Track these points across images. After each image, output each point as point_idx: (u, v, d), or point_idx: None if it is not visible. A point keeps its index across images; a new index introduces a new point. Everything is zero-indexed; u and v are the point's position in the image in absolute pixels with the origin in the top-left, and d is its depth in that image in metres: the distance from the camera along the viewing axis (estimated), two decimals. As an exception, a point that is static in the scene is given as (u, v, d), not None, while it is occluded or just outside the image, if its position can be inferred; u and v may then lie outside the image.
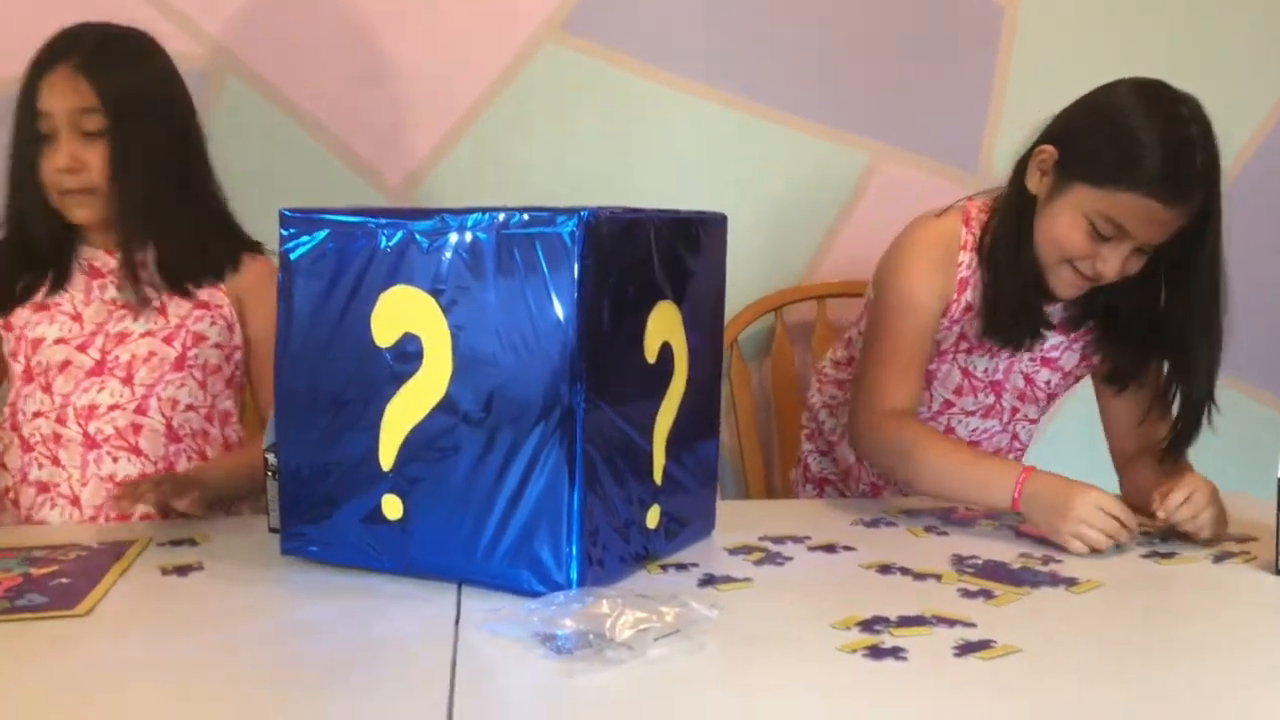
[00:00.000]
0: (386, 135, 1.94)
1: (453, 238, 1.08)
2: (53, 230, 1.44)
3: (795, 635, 0.99)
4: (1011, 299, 1.41)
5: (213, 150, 1.66)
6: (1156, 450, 1.43)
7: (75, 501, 1.43)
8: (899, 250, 1.48)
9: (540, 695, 0.88)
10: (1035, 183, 1.38)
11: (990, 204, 1.46)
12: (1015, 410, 1.54)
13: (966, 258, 1.44)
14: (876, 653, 0.94)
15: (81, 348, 1.44)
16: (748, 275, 1.99)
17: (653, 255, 1.13)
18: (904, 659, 0.93)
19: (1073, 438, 1.78)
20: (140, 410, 1.44)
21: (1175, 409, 1.43)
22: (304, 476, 1.16)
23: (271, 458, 1.25)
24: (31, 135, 1.40)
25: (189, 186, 1.47)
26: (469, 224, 1.08)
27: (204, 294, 1.47)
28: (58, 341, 1.44)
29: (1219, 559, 1.23)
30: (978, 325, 1.46)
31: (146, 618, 1.05)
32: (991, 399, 1.53)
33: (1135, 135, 1.29)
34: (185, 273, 1.46)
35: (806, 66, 1.99)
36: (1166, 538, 1.28)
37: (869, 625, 1.00)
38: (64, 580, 1.12)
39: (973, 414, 1.53)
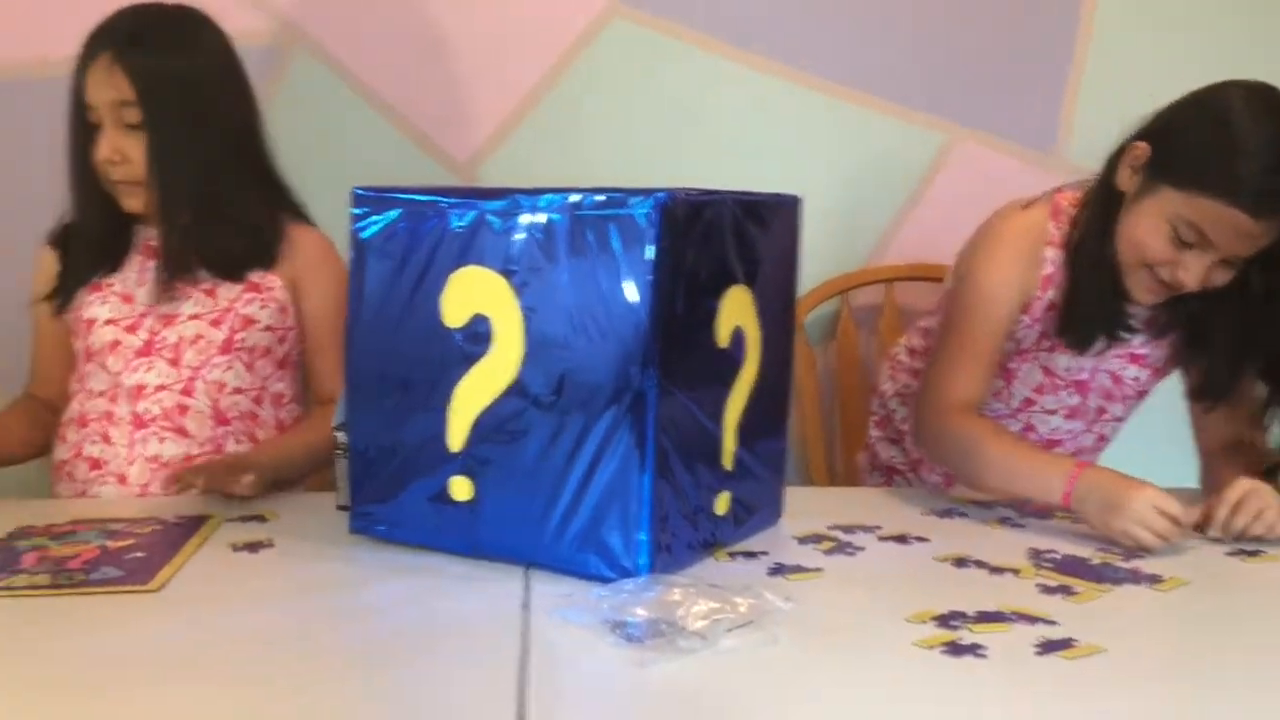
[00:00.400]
0: (451, 112, 1.93)
1: (525, 218, 1.07)
2: (108, 215, 1.45)
3: (870, 629, 0.97)
4: (1089, 298, 1.36)
5: (278, 126, 1.66)
6: (1245, 458, 1.38)
7: (123, 480, 1.44)
8: (983, 241, 1.43)
9: (612, 683, 0.87)
10: (1125, 179, 1.33)
11: (1081, 197, 1.41)
12: (1102, 410, 1.49)
13: (1052, 254, 1.39)
14: (955, 649, 0.92)
15: (130, 328, 1.45)
16: (813, 257, 1.94)
17: (727, 238, 1.11)
18: (984, 656, 0.91)
19: (1154, 423, 1.72)
20: (186, 392, 1.44)
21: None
22: (372, 456, 1.15)
23: (341, 436, 1.25)
24: (81, 124, 1.41)
25: (239, 169, 1.46)
26: (542, 205, 1.06)
27: (255, 276, 1.47)
28: (108, 322, 1.45)
29: (1308, 558, 1.18)
30: (1069, 363, 1.42)
31: (217, 594, 1.05)
32: (1076, 399, 1.48)
33: (1233, 140, 1.22)
34: (234, 258, 1.46)
35: (879, 44, 1.95)
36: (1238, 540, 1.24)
37: (946, 620, 0.98)
38: (139, 555, 1.13)
39: (1054, 413, 1.49)
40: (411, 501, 1.14)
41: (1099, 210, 1.35)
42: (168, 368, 1.44)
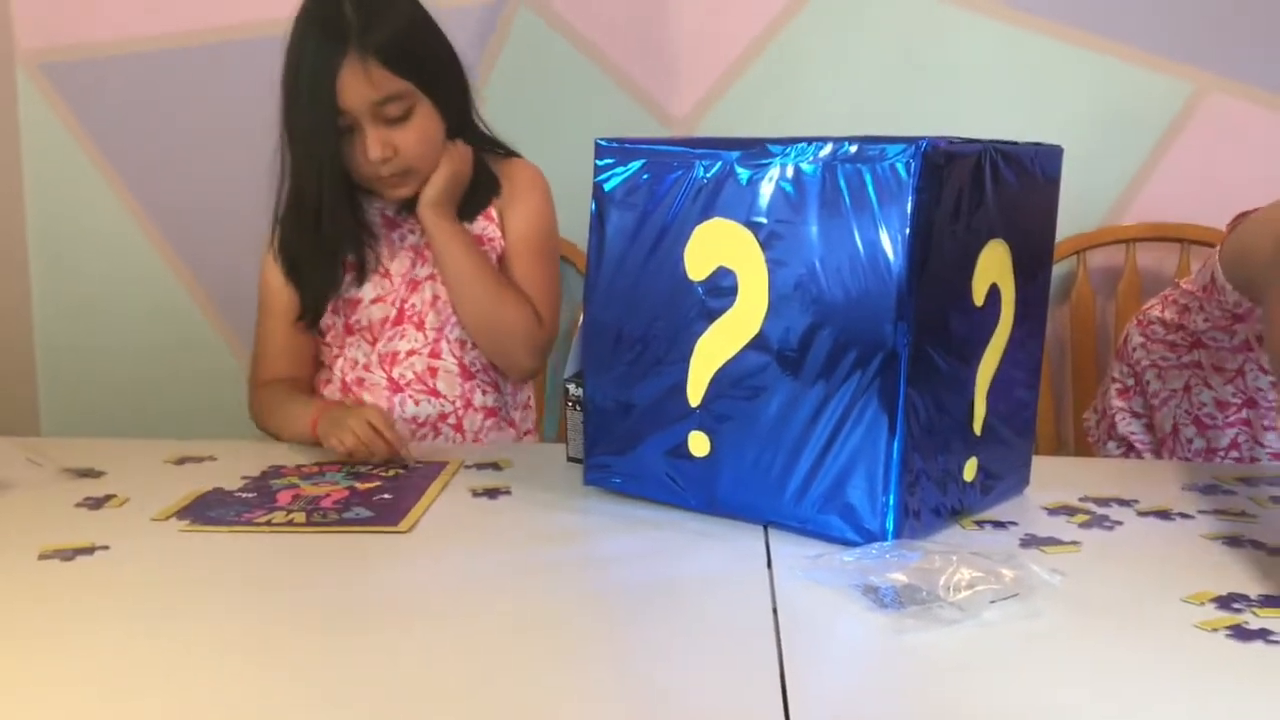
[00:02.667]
0: (670, 67, 1.91)
1: (774, 169, 1.04)
2: (354, 220, 1.43)
3: (1143, 608, 0.91)
4: None
5: (500, 84, 1.68)
6: None
7: None
8: None
9: (869, 650, 0.84)
10: None
11: None
12: None
13: None
14: (1241, 633, 0.85)
15: (390, 300, 1.48)
16: (1047, 215, 1.86)
17: (986, 189, 1.05)
18: (1275, 642, 0.84)
19: None
20: (434, 354, 1.48)
21: None
22: (609, 409, 1.15)
23: (573, 388, 1.26)
24: (325, 127, 1.34)
25: (465, 125, 1.47)
26: (792, 154, 1.03)
27: (478, 227, 1.49)
28: (375, 301, 1.47)
29: None
30: None
31: (461, 537, 1.07)
32: None
33: None
34: (462, 208, 1.47)
35: (1126, -14, 1.82)
36: None
37: (1226, 603, 0.90)
38: (386, 496, 1.17)
39: None
40: (648, 455, 1.13)
41: None
42: (415, 332, 1.48)
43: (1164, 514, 1.13)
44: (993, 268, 1.07)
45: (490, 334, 1.47)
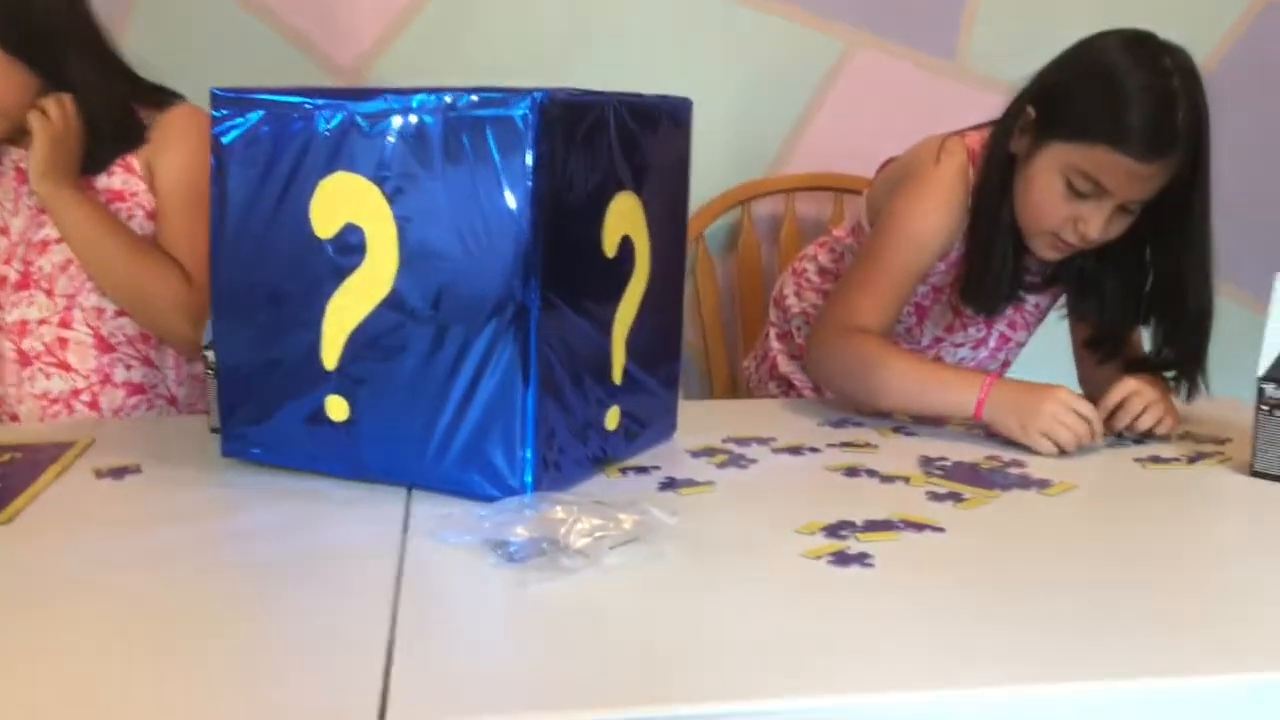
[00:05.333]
0: (334, 13, 1.83)
1: (396, 120, 1.00)
2: None
3: (758, 541, 0.95)
4: (992, 269, 1.35)
5: (139, 28, 1.54)
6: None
7: (15, 419, 1.38)
8: (914, 183, 1.38)
9: (490, 604, 0.84)
10: (1016, 143, 1.32)
11: (984, 140, 1.37)
12: (1006, 338, 1.51)
13: (972, 203, 1.36)
14: (842, 559, 0.91)
15: (7, 260, 1.36)
16: (714, 167, 1.91)
17: (612, 141, 1.06)
18: (870, 565, 0.90)
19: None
20: (64, 324, 1.36)
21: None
22: (243, 375, 1.10)
23: (211, 355, 1.18)
24: None
25: (82, 60, 1.33)
26: (414, 105, 1.00)
27: (117, 182, 1.37)
28: None
29: (1193, 460, 1.20)
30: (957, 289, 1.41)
31: (73, 524, 0.99)
32: (983, 331, 1.50)
33: (1115, 88, 1.22)
34: (94, 157, 1.35)
35: (778, -55, 1.89)
36: (1141, 440, 1.25)
37: (834, 531, 0.96)
38: (-9, 485, 1.07)
39: (962, 346, 1.50)
40: (287, 423, 1.09)
41: (995, 177, 1.33)
42: (45, 299, 1.35)
43: (796, 450, 1.20)
44: (624, 219, 1.09)
45: (133, 303, 1.36)
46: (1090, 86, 1.25)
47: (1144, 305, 1.37)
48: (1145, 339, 1.41)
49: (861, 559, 0.91)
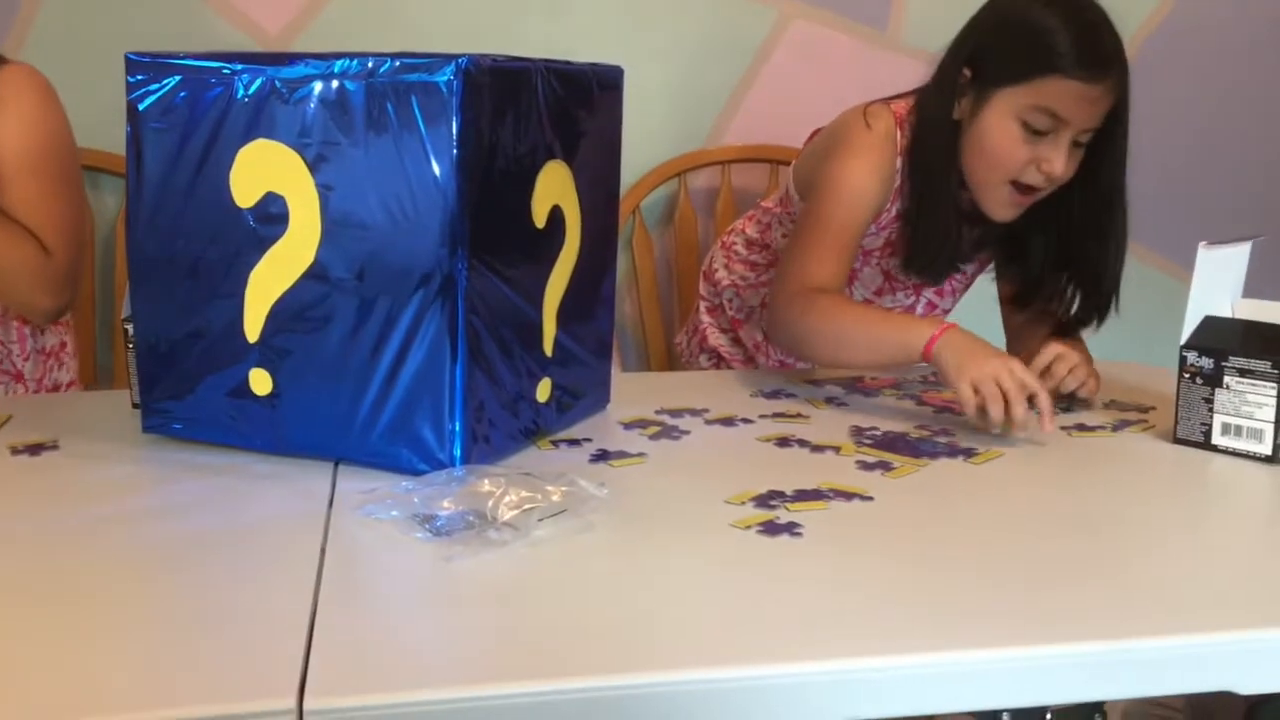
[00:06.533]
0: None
1: (317, 86, 0.98)
2: None
3: (688, 512, 0.95)
4: (938, 237, 1.36)
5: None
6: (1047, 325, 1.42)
7: None
8: (843, 149, 1.38)
9: (415, 579, 0.83)
10: (959, 110, 1.33)
11: (911, 106, 1.39)
12: (932, 305, 1.53)
13: (900, 164, 1.38)
14: (771, 528, 0.91)
15: None
16: (650, 139, 1.90)
17: (541, 109, 1.04)
18: (799, 534, 0.90)
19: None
20: None
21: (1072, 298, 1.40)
22: (163, 350, 1.07)
23: (131, 328, 1.15)
24: None
25: None
26: (336, 70, 0.97)
27: None
28: None
29: (1117, 428, 1.22)
30: (896, 261, 1.42)
31: (-12, 502, 0.96)
32: (912, 297, 1.51)
33: (1043, 25, 1.26)
34: None
35: (712, -86, 1.88)
36: (1068, 408, 1.27)
37: (764, 500, 0.96)
38: (-105, 463, 1.03)
39: (890, 310, 1.51)
40: (209, 397, 1.06)
41: (936, 144, 1.34)
42: None
43: (729, 421, 1.20)
44: (553, 189, 1.08)
45: None
46: (1021, 29, 1.29)
47: (1065, 254, 1.39)
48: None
49: (791, 528, 0.91)
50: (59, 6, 1.73)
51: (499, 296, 1.02)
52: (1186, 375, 1.14)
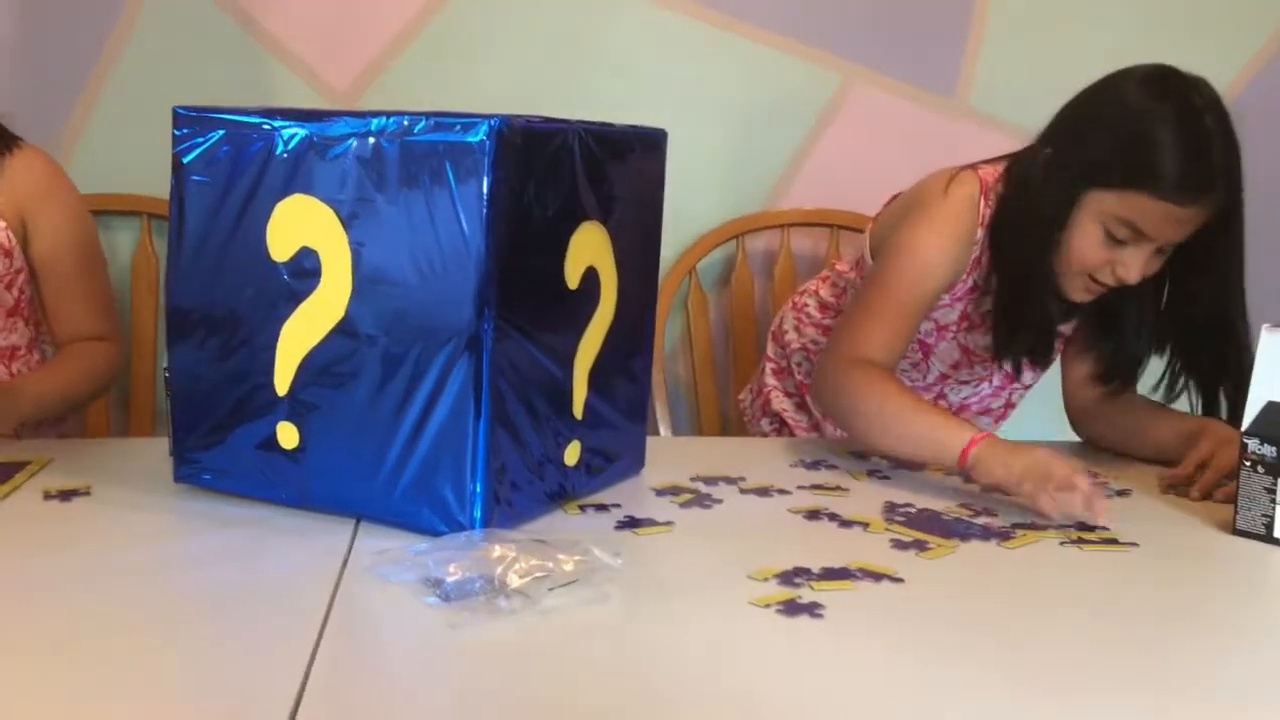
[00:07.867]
0: (330, 37, 1.82)
1: (354, 143, 0.98)
2: None
3: (706, 587, 0.92)
4: (1033, 320, 1.32)
5: (142, 49, 1.51)
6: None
7: None
8: (923, 211, 1.34)
9: (417, 646, 0.81)
10: (1051, 194, 1.26)
11: (1000, 175, 1.34)
12: (1011, 377, 1.46)
13: (981, 235, 1.33)
14: (792, 608, 0.87)
15: None
16: (708, 200, 1.89)
17: (577, 171, 1.04)
18: (820, 616, 0.86)
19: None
20: None
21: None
22: (196, 400, 1.07)
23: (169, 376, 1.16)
24: None
25: None
26: (372, 128, 0.98)
27: None
28: None
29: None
30: (987, 341, 1.37)
31: (12, 547, 0.97)
32: (989, 369, 1.46)
33: (1147, 133, 1.18)
34: None
35: (777, -22, 1.88)
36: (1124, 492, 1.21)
37: (789, 578, 0.93)
38: (-68, 503, 1.05)
39: (967, 383, 1.47)
40: (239, 448, 1.06)
41: (1034, 241, 1.27)
42: None
43: (764, 491, 1.16)
44: (588, 250, 1.06)
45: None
46: (1119, 133, 1.21)
47: (1159, 333, 1.34)
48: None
49: (812, 609, 0.87)
50: (137, 59, 1.78)
51: (527, 357, 1.01)
52: (1248, 464, 1.07)
